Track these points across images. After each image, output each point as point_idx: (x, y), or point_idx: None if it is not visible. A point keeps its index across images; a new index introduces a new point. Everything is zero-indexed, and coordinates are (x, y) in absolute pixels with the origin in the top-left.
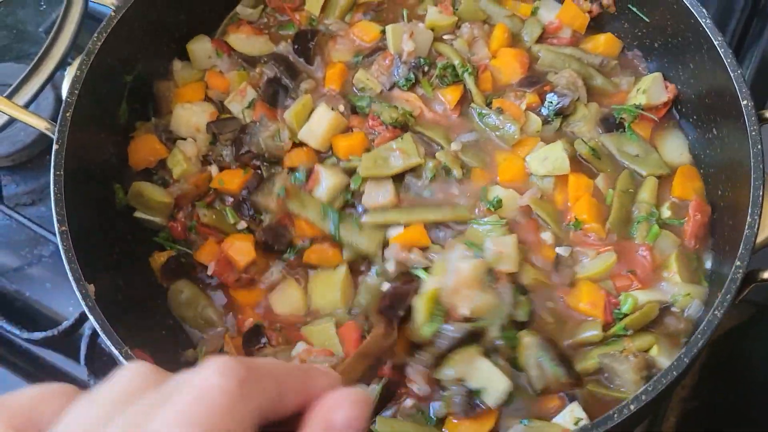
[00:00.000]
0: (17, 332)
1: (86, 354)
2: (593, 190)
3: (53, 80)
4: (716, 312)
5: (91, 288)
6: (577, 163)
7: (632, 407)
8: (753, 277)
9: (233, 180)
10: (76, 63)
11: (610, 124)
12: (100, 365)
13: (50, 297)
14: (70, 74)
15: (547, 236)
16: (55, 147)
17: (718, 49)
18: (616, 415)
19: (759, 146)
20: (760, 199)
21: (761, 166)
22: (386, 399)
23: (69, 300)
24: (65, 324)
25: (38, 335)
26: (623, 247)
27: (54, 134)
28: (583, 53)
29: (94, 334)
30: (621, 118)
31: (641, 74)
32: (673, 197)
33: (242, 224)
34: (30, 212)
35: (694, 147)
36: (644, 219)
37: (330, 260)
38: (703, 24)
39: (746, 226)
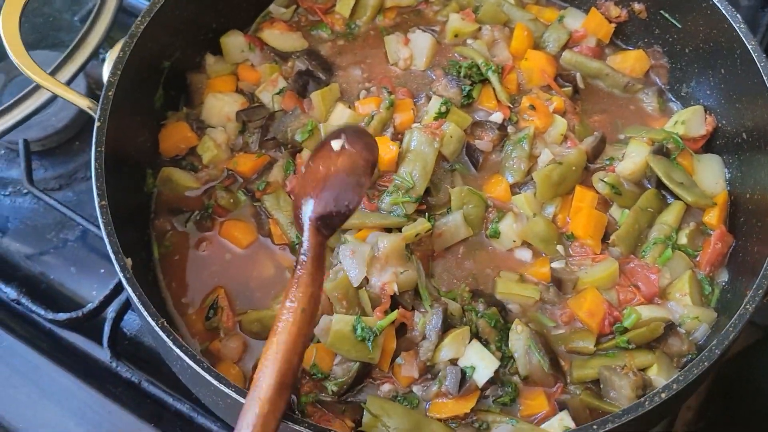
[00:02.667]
0: (42, 312)
1: (109, 337)
2: (598, 207)
3: (85, 69)
4: (748, 306)
5: (129, 261)
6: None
7: (622, 419)
8: None
9: (247, 162)
10: (118, 45)
11: (660, 153)
12: (123, 348)
13: (74, 281)
14: (111, 56)
15: (526, 255)
16: (97, 124)
17: (752, 53)
18: (595, 426)
19: None
20: None
21: None
22: (358, 382)
23: (93, 284)
24: (90, 306)
25: (63, 316)
26: (628, 262)
27: (96, 113)
28: (612, 70)
29: (118, 318)
30: (667, 147)
31: (662, 91)
32: (703, 223)
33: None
34: (58, 196)
35: (728, 174)
36: (661, 241)
37: None
38: (737, 28)
39: None
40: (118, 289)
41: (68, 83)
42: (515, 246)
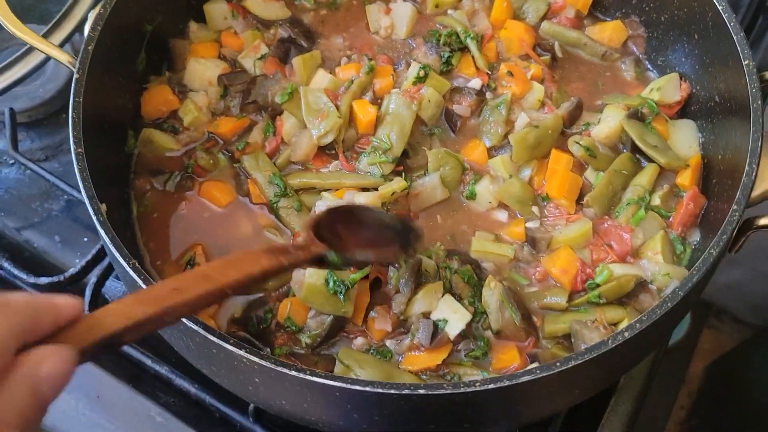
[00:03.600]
0: (24, 277)
1: (90, 301)
2: (573, 170)
3: (72, 43)
4: (711, 251)
5: (103, 207)
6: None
7: (584, 357)
8: (750, 225)
9: (227, 125)
10: (99, 4)
11: (635, 117)
12: None
13: (58, 249)
14: (93, 14)
15: (502, 216)
16: (75, 77)
17: (722, 14)
18: (558, 363)
19: (759, 102)
20: (759, 150)
21: (760, 120)
22: (332, 335)
23: (76, 253)
24: (71, 270)
25: (44, 280)
26: (602, 223)
27: (75, 66)
28: (590, 39)
29: (99, 283)
30: (642, 112)
31: (639, 59)
32: (676, 186)
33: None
34: (43, 166)
35: (701, 138)
36: (634, 202)
37: None
38: None
39: (744, 174)
40: (101, 255)
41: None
42: (491, 207)
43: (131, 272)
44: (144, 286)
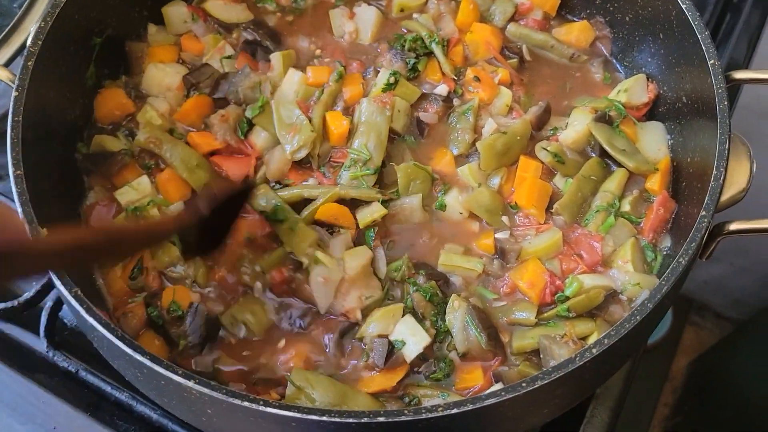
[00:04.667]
0: None
1: (46, 327)
2: (543, 176)
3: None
4: (681, 260)
5: (44, 232)
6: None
7: (551, 376)
8: (720, 230)
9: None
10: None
11: (603, 120)
12: (62, 339)
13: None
14: (34, 26)
15: (475, 226)
16: (14, 94)
17: (686, 12)
18: (524, 384)
19: (725, 102)
20: (726, 152)
21: (727, 122)
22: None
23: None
24: (26, 295)
25: None
26: (572, 231)
27: (14, 83)
28: (557, 42)
29: (55, 307)
30: (609, 115)
31: (609, 60)
32: (646, 190)
33: None
34: None
35: (670, 141)
36: (603, 209)
37: None
38: None
39: (712, 178)
40: (51, 282)
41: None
42: (463, 218)
43: (73, 302)
44: (88, 318)
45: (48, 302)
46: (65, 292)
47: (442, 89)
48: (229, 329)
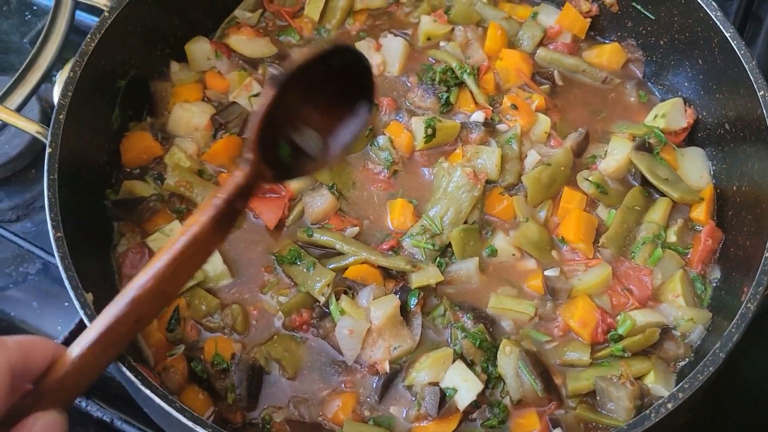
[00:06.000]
0: None
1: None
2: (588, 208)
3: (38, 93)
4: (749, 305)
5: (90, 297)
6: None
7: None
8: None
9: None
10: (68, 66)
11: (643, 148)
12: (92, 387)
13: (37, 316)
14: (62, 77)
15: (531, 263)
16: (48, 150)
17: (731, 41)
18: None
19: None
20: None
21: None
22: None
23: (57, 319)
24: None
25: None
26: (620, 265)
27: (47, 138)
28: (588, 66)
29: None
30: (649, 143)
31: (642, 82)
32: (690, 219)
33: None
34: (16, 228)
35: (712, 167)
36: (650, 240)
37: None
38: (713, 17)
39: (766, 249)
40: (84, 323)
41: (19, 109)
42: (517, 258)
43: (128, 373)
44: (140, 386)
45: None
46: (119, 364)
47: (479, 116)
48: (264, 366)
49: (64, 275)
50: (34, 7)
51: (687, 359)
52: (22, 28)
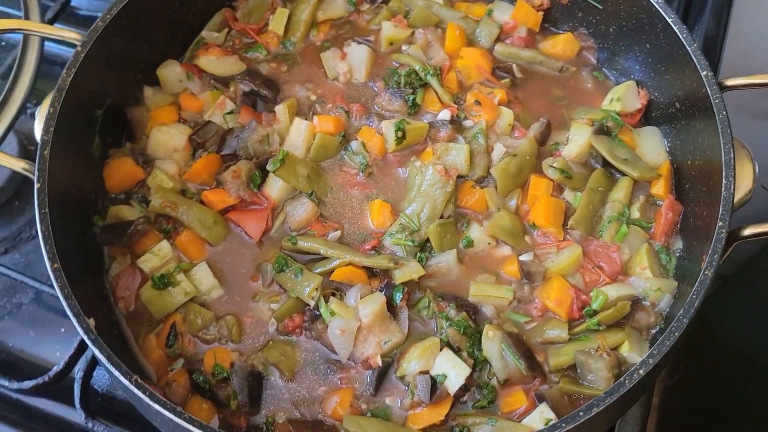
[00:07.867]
0: (6, 383)
1: (80, 397)
2: (555, 193)
3: (15, 127)
4: (707, 272)
5: (92, 322)
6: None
7: (604, 403)
8: (735, 236)
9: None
10: (47, 101)
11: (602, 132)
12: (96, 406)
13: (35, 345)
14: (42, 112)
15: (506, 250)
16: (36, 186)
17: (673, 26)
18: (581, 413)
19: (723, 112)
20: (732, 161)
21: (728, 131)
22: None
23: (55, 345)
24: (55, 369)
25: (28, 384)
26: (589, 244)
27: (33, 174)
28: (545, 57)
29: (86, 376)
30: (607, 126)
31: (599, 69)
32: (651, 195)
33: None
34: (5, 261)
35: (667, 144)
36: (615, 219)
37: None
38: (655, 4)
39: (723, 188)
40: (82, 346)
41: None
42: (492, 246)
43: (136, 391)
44: (150, 402)
45: (78, 372)
46: (126, 382)
47: (445, 114)
48: (262, 371)
49: (65, 304)
50: (2, 42)
51: (658, 326)
52: None
